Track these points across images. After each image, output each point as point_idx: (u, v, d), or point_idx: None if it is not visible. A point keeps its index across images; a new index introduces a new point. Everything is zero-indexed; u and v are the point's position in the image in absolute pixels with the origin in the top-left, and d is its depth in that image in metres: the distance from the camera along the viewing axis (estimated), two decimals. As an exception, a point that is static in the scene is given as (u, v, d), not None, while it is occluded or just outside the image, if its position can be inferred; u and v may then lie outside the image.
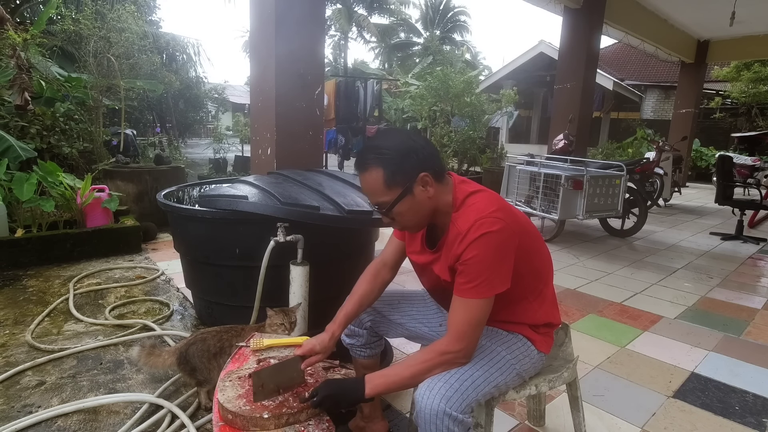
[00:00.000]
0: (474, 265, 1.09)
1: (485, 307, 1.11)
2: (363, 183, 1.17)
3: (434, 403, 1.07)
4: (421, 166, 1.14)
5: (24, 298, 2.70)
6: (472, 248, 1.09)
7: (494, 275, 1.10)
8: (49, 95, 4.81)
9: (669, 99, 14.20)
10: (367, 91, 7.64)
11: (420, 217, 1.19)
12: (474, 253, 1.09)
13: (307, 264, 1.94)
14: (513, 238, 1.12)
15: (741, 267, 4.12)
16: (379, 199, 1.16)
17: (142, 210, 4.53)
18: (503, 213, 1.13)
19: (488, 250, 1.09)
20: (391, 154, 1.13)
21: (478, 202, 1.16)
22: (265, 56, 3.04)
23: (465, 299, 1.11)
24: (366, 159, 1.15)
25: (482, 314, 1.11)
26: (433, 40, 25.93)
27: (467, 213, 1.15)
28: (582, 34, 6.25)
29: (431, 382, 1.11)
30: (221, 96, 13.20)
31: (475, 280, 1.09)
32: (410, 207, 1.16)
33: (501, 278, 1.11)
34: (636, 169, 5.30)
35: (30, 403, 1.72)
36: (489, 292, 1.10)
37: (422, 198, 1.15)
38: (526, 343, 1.26)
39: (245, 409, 1.12)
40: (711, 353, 2.41)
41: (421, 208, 1.17)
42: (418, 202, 1.16)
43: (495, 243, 1.09)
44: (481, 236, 1.09)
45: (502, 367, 1.20)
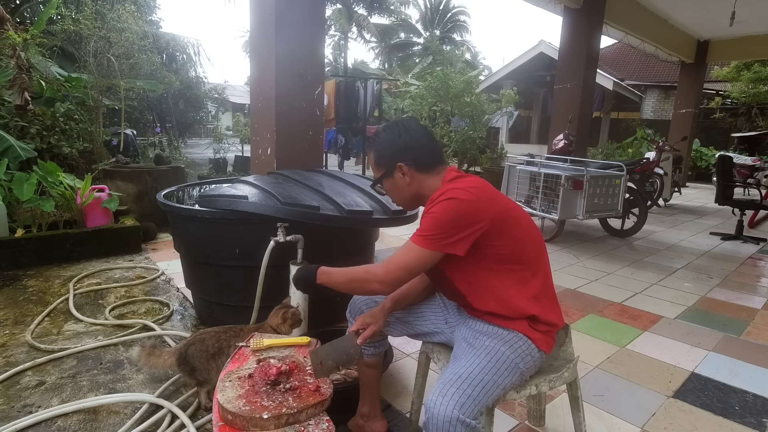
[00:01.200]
0: (428, 218, 1.20)
1: (424, 257, 1.20)
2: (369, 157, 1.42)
3: (448, 410, 1.06)
4: (398, 157, 1.32)
5: (24, 298, 2.70)
6: (434, 206, 1.20)
7: (445, 234, 1.17)
8: (49, 95, 4.81)
9: (669, 99, 14.20)
10: (367, 91, 7.64)
11: (401, 196, 1.39)
12: (433, 209, 1.20)
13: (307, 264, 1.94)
14: (479, 214, 1.19)
15: (741, 267, 4.12)
16: (374, 174, 1.41)
17: (142, 210, 4.53)
18: (479, 191, 1.21)
19: (447, 211, 1.18)
20: (378, 143, 1.37)
21: (459, 183, 1.25)
22: (265, 56, 3.04)
23: (410, 243, 1.22)
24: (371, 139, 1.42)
25: (418, 261, 1.20)
26: (433, 40, 25.93)
27: (444, 188, 1.26)
28: (582, 34, 6.25)
29: (443, 388, 1.11)
30: (221, 96, 13.20)
31: (427, 230, 1.19)
32: (392, 187, 1.38)
33: (452, 241, 1.18)
34: (636, 169, 5.29)
35: (30, 403, 1.72)
36: (433, 245, 1.18)
37: (401, 182, 1.34)
38: (527, 341, 1.26)
39: (245, 410, 1.12)
40: (711, 353, 2.41)
41: (401, 190, 1.37)
42: (397, 185, 1.36)
43: (456, 208, 1.18)
44: (446, 199, 1.19)
45: (509, 368, 1.20)
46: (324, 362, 1.22)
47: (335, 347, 1.28)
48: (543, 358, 1.32)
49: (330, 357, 1.24)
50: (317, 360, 1.22)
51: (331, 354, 1.25)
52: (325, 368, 1.22)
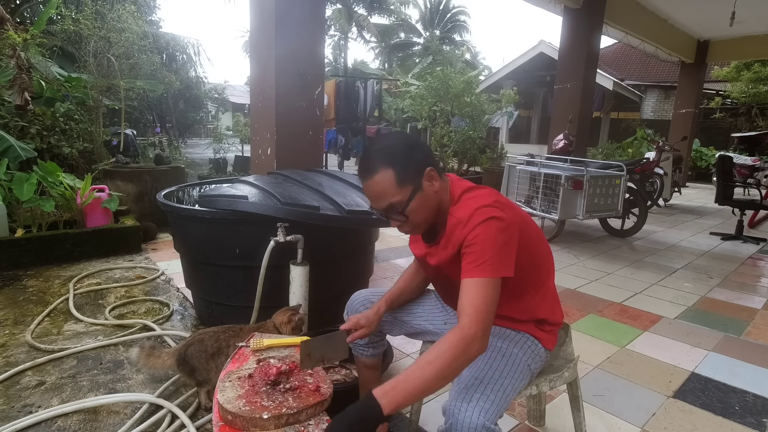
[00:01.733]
0: (480, 244, 1.09)
1: (495, 287, 1.07)
2: (372, 187, 1.14)
3: (474, 416, 1.03)
4: (426, 161, 1.16)
5: (24, 298, 2.70)
6: (478, 230, 1.10)
7: (500, 257, 1.08)
8: (49, 95, 4.81)
9: (669, 99, 14.20)
10: (367, 91, 7.64)
11: (429, 212, 1.19)
12: (479, 233, 1.09)
13: (307, 264, 1.95)
14: (514, 227, 1.13)
15: (741, 267, 4.12)
16: (392, 199, 1.14)
17: (142, 210, 4.53)
18: (502, 205, 1.15)
19: (492, 233, 1.09)
20: (399, 151, 1.14)
21: (476, 196, 1.18)
22: (265, 56, 3.04)
23: (474, 279, 1.07)
24: (373, 161, 1.14)
25: (493, 294, 1.06)
26: (433, 40, 25.92)
27: (466, 204, 1.17)
28: (582, 34, 6.25)
29: (467, 393, 1.08)
30: (221, 96, 13.19)
31: (482, 257, 1.08)
32: (421, 203, 1.16)
33: (506, 262, 1.10)
34: (636, 169, 5.29)
35: (30, 403, 1.72)
36: (496, 272, 1.07)
37: (430, 193, 1.17)
38: (534, 342, 1.27)
39: (245, 410, 1.12)
40: (711, 353, 2.41)
41: (430, 204, 1.18)
42: (427, 197, 1.17)
43: (499, 227, 1.10)
44: (486, 220, 1.10)
45: (522, 370, 1.20)
46: (312, 355, 1.23)
47: (324, 342, 1.29)
48: (548, 357, 1.33)
49: (319, 350, 1.25)
50: (306, 351, 1.23)
51: (320, 348, 1.26)
52: (312, 360, 1.23)
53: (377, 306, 1.41)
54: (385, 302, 1.42)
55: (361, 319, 1.36)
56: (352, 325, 1.35)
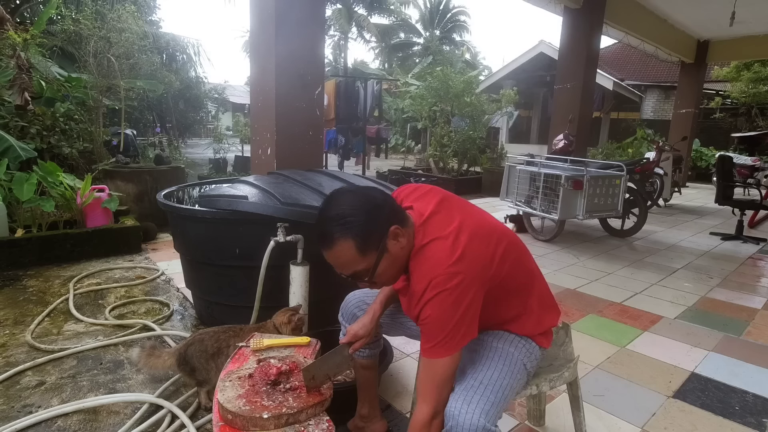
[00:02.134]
0: (430, 325, 1.06)
1: (450, 364, 1.09)
2: (332, 257, 1.09)
3: (474, 418, 1.04)
4: (388, 220, 1.08)
5: (24, 298, 2.70)
6: (427, 308, 1.05)
7: (454, 332, 1.06)
8: (49, 95, 4.81)
9: (669, 99, 14.20)
10: (367, 91, 7.64)
11: (398, 269, 1.15)
12: (429, 313, 1.05)
13: (307, 264, 1.94)
14: (472, 286, 1.06)
15: (741, 267, 4.12)
16: (356, 268, 1.09)
17: (142, 210, 4.52)
18: (461, 263, 1.05)
19: (443, 309, 1.04)
20: (357, 219, 1.05)
21: (434, 255, 1.08)
22: (265, 56, 3.04)
23: (427, 359, 1.10)
24: (330, 232, 1.06)
25: (445, 373, 1.09)
26: (433, 40, 25.93)
27: (423, 269, 1.09)
28: (582, 34, 6.25)
29: (467, 395, 1.09)
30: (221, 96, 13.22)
31: (433, 340, 1.07)
32: (389, 264, 1.11)
33: (462, 332, 1.07)
34: (636, 169, 5.29)
35: (30, 403, 1.72)
36: (449, 351, 1.07)
37: (396, 251, 1.10)
38: (529, 341, 1.27)
39: (245, 409, 1.12)
40: (711, 353, 2.41)
41: (398, 262, 1.13)
42: (394, 257, 1.11)
43: (450, 300, 1.04)
44: (435, 296, 1.04)
45: (519, 369, 1.20)
46: (316, 377, 1.23)
47: (326, 361, 1.28)
48: (544, 355, 1.33)
49: (321, 371, 1.24)
50: (309, 375, 1.22)
51: (323, 368, 1.25)
52: (317, 381, 1.22)
53: (372, 310, 1.39)
54: (380, 304, 1.40)
55: (360, 329, 1.35)
56: (351, 337, 1.34)
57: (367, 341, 1.36)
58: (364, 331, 1.35)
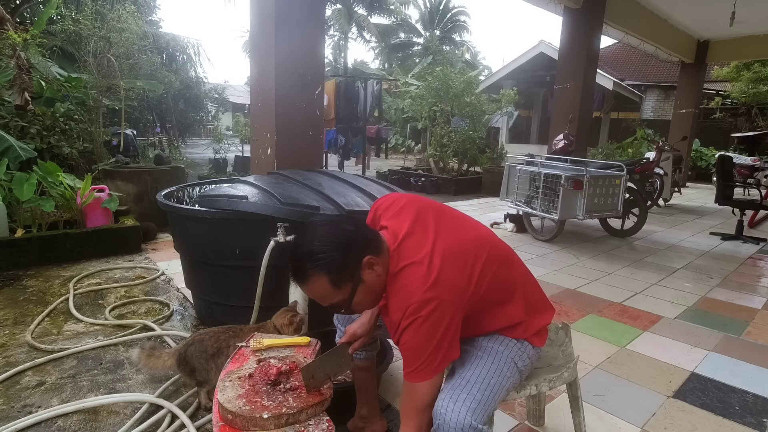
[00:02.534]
0: (408, 352, 1.09)
1: (428, 388, 1.10)
2: (308, 291, 1.11)
3: (460, 417, 1.05)
4: (362, 252, 1.09)
5: (24, 298, 2.70)
6: (404, 335, 1.07)
7: (432, 357, 1.07)
8: (49, 95, 4.81)
9: (669, 99, 14.20)
10: (367, 91, 7.64)
11: (376, 295, 1.16)
12: (406, 340, 1.07)
13: (307, 264, 1.94)
14: (448, 311, 1.06)
15: (741, 267, 4.12)
16: (333, 300, 1.11)
17: (142, 210, 4.53)
18: (435, 289, 1.05)
19: (419, 336, 1.05)
20: (329, 256, 1.06)
21: (408, 283, 1.09)
22: (265, 56, 3.04)
23: (408, 383, 1.12)
24: (303, 269, 1.08)
25: (428, 395, 1.11)
26: (433, 40, 25.93)
27: (398, 297, 1.10)
28: (582, 34, 6.25)
29: (453, 393, 1.10)
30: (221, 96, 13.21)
31: (413, 365, 1.08)
32: (366, 293, 1.12)
33: (441, 356, 1.08)
34: (636, 169, 5.30)
35: (30, 403, 1.72)
36: (428, 375, 1.08)
37: (373, 280, 1.11)
38: (521, 340, 1.26)
39: (245, 409, 1.12)
40: (711, 353, 2.41)
41: (375, 290, 1.14)
42: (371, 286, 1.12)
43: (426, 327, 1.05)
44: (411, 324, 1.05)
45: (510, 368, 1.20)
46: (315, 376, 1.22)
47: (326, 360, 1.28)
48: (538, 353, 1.32)
49: (321, 370, 1.24)
50: (308, 375, 1.22)
51: (323, 367, 1.25)
52: (316, 382, 1.22)
53: (371, 310, 1.38)
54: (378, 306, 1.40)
55: (358, 329, 1.35)
56: (350, 337, 1.34)
57: (367, 341, 1.36)
58: (363, 331, 1.35)
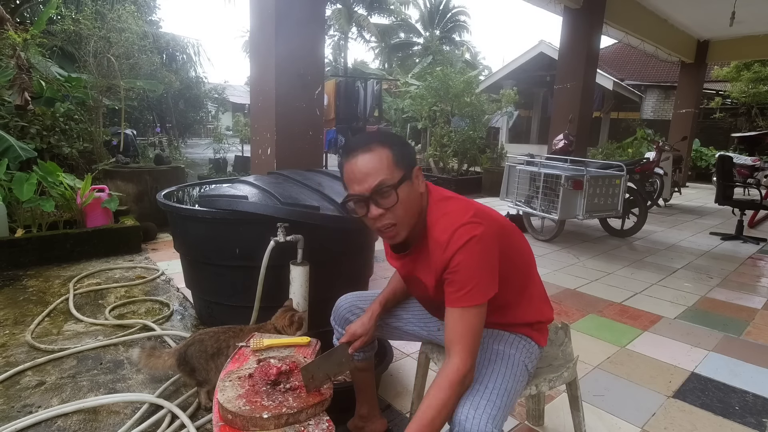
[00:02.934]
0: (463, 271, 1.07)
1: (481, 315, 1.08)
2: (364, 162, 1.10)
3: (481, 424, 1.02)
4: (415, 160, 1.18)
5: (24, 298, 2.70)
6: (459, 255, 1.07)
7: (484, 279, 1.08)
8: (49, 95, 4.81)
9: (669, 99, 14.20)
10: (367, 91, 7.64)
11: (413, 210, 1.15)
12: (461, 259, 1.06)
13: (307, 264, 1.94)
14: (495, 241, 1.11)
15: (741, 267, 4.12)
16: (384, 176, 1.09)
17: (142, 210, 4.52)
18: (480, 218, 1.11)
19: (474, 255, 1.06)
20: (395, 138, 1.17)
21: (453, 210, 1.13)
22: (265, 56, 3.04)
23: (460, 308, 1.08)
24: (370, 140, 1.13)
25: (479, 320, 1.08)
26: (433, 40, 25.93)
27: (444, 221, 1.12)
28: (582, 34, 6.25)
29: (474, 399, 1.07)
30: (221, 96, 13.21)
31: (467, 286, 1.07)
32: (408, 194, 1.12)
33: (490, 282, 1.09)
34: (636, 169, 5.30)
35: (30, 403, 1.72)
36: (481, 297, 1.07)
37: (416, 190, 1.14)
38: (528, 341, 1.27)
39: (245, 409, 1.12)
40: (711, 353, 2.41)
41: (414, 201, 1.14)
42: (414, 192, 1.14)
43: (479, 247, 1.07)
44: (466, 243, 1.06)
45: (521, 371, 1.20)
46: (315, 376, 1.22)
47: (326, 360, 1.28)
48: (541, 353, 1.34)
49: (321, 370, 1.23)
50: (308, 375, 1.21)
51: (323, 367, 1.25)
52: (316, 382, 1.22)
53: (371, 310, 1.39)
54: (380, 304, 1.40)
55: (358, 328, 1.35)
56: (350, 336, 1.34)
57: (367, 340, 1.36)
58: (363, 330, 1.35)
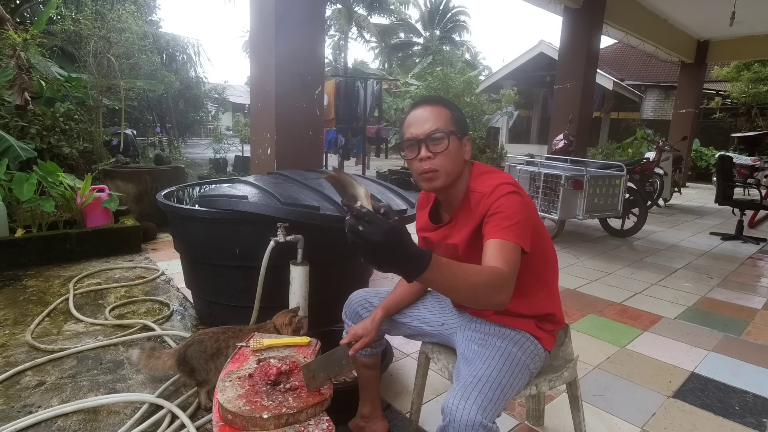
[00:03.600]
0: (506, 212, 1.13)
1: (518, 255, 1.08)
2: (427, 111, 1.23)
3: (471, 415, 1.03)
4: (467, 132, 1.28)
5: (24, 298, 2.70)
6: (502, 200, 1.14)
7: (523, 228, 1.12)
8: (49, 95, 4.81)
9: (669, 99, 14.20)
10: (367, 91, 7.64)
11: (454, 166, 1.23)
12: (503, 202, 1.14)
13: (307, 264, 1.95)
14: (532, 208, 1.20)
15: (741, 267, 4.12)
16: (439, 124, 1.21)
17: (142, 210, 4.52)
18: (520, 189, 1.21)
19: (516, 204, 1.14)
20: (456, 107, 1.29)
21: (496, 176, 1.24)
22: (265, 56, 3.04)
23: (499, 240, 1.07)
24: (437, 99, 1.28)
25: (517, 261, 1.07)
26: (433, 40, 25.93)
27: (487, 180, 1.22)
28: (582, 34, 6.25)
29: (465, 391, 1.09)
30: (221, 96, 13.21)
31: (508, 222, 1.10)
32: (456, 149, 1.23)
33: (526, 235, 1.12)
34: (636, 169, 5.29)
35: (30, 403, 1.72)
36: (519, 238, 1.09)
37: (461, 151, 1.25)
38: (534, 342, 1.27)
39: (245, 409, 1.12)
40: (711, 353, 2.41)
41: (458, 160, 1.24)
42: (459, 151, 1.24)
43: (521, 201, 1.15)
44: (509, 193, 1.15)
45: (522, 369, 1.20)
46: (316, 376, 1.22)
47: (327, 360, 1.28)
48: (547, 357, 1.33)
49: (322, 370, 1.24)
50: (309, 374, 1.22)
51: (323, 367, 1.25)
52: (317, 381, 1.22)
53: (374, 315, 1.41)
54: (383, 310, 1.42)
55: (360, 330, 1.38)
56: (351, 337, 1.36)
57: (367, 343, 1.37)
58: (364, 332, 1.37)
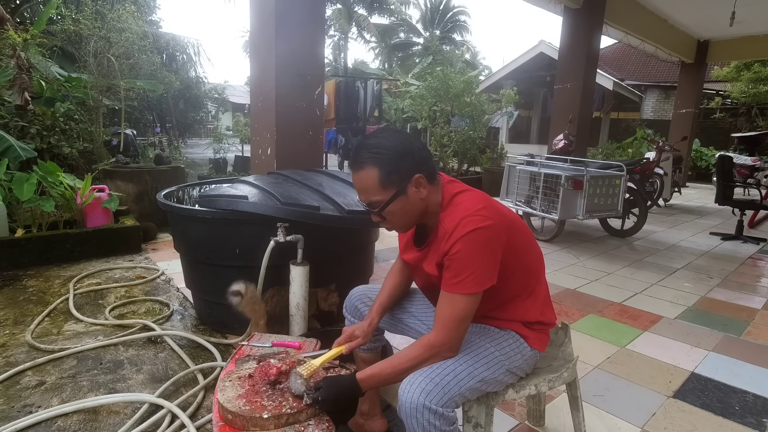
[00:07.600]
0: (460, 260, 1.11)
1: (471, 303, 1.12)
2: (356, 180, 1.18)
3: (413, 397, 1.08)
4: (416, 167, 1.16)
5: (24, 298, 2.70)
6: (459, 244, 1.11)
7: (480, 271, 1.11)
8: (49, 95, 4.80)
9: (669, 99, 14.20)
10: (367, 91, 7.66)
11: (410, 217, 1.21)
12: (460, 248, 1.10)
13: (307, 264, 1.95)
14: (500, 235, 1.14)
15: (741, 267, 4.12)
16: (372, 198, 1.17)
17: (142, 210, 4.52)
18: (489, 211, 1.15)
19: (474, 246, 1.10)
20: (388, 154, 1.14)
21: (464, 201, 1.18)
22: (265, 56, 3.05)
23: (450, 294, 1.13)
24: (362, 157, 1.16)
25: (467, 309, 1.13)
26: (433, 40, 25.91)
27: (454, 212, 1.16)
28: (582, 34, 6.25)
29: (413, 376, 1.13)
30: (221, 96, 13.19)
31: (461, 274, 1.11)
32: (402, 207, 1.18)
33: (487, 274, 1.12)
34: (636, 169, 5.29)
35: (30, 403, 1.72)
36: (474, 287, 1.11)
37: (414, 199, 1.17)
38: (518, 340, 1.26)
39: (245, 409, 1.12)
40: (711, 353, 2.41)
41: (412, 209, 1.19)
42: (410, 203, 1.18)
43: (481, 239, 1.10)
44: (468, 233, 1.10)
45: (489, 362, 1.20)
46: None
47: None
48: (537, 357, 1.33)
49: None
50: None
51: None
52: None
53: (370, 318, 1.42)
54: (377, 312, 1.43)
55: (356, 329, 1.39)
56: (347, 337, 1.37)
57: (362, 343, 1.38)
58: (360, 333, 1.38)
